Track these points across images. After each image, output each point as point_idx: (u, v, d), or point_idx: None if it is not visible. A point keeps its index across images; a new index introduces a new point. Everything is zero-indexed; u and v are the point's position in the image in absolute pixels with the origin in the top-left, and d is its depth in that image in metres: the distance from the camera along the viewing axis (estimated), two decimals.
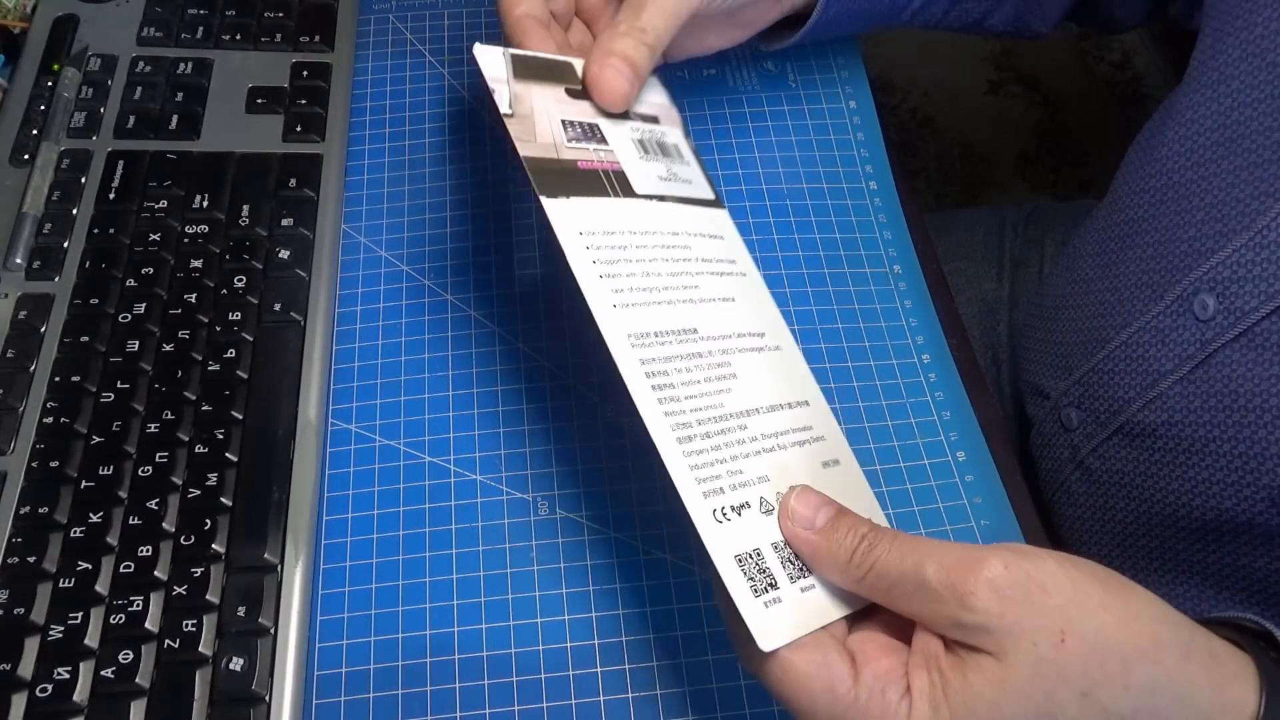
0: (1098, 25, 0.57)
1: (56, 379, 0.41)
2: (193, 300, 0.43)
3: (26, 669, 0.35)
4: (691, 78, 0.54)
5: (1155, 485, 0.42)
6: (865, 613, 0.32)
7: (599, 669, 0.38)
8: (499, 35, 0.55)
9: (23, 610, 0.36)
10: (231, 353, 0.42)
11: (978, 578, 0.27)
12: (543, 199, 0.34)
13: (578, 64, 0.39)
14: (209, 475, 0.39)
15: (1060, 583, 0.27)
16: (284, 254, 0.45)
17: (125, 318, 0.43)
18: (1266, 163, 0.37)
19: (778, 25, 0.48)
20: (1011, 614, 0.27)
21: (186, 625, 0.36)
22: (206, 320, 0.43)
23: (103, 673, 0.35)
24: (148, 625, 0.36)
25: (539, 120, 0.37)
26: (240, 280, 0.44)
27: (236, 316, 0.43)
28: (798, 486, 0.32)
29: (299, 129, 0.49)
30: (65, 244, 0.44)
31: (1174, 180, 0.42)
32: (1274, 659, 0.29)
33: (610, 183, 0.36)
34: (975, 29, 0.53)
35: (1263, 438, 0.37)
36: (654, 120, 0.41)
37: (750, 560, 0.30)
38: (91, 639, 0.36)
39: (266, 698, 0.36)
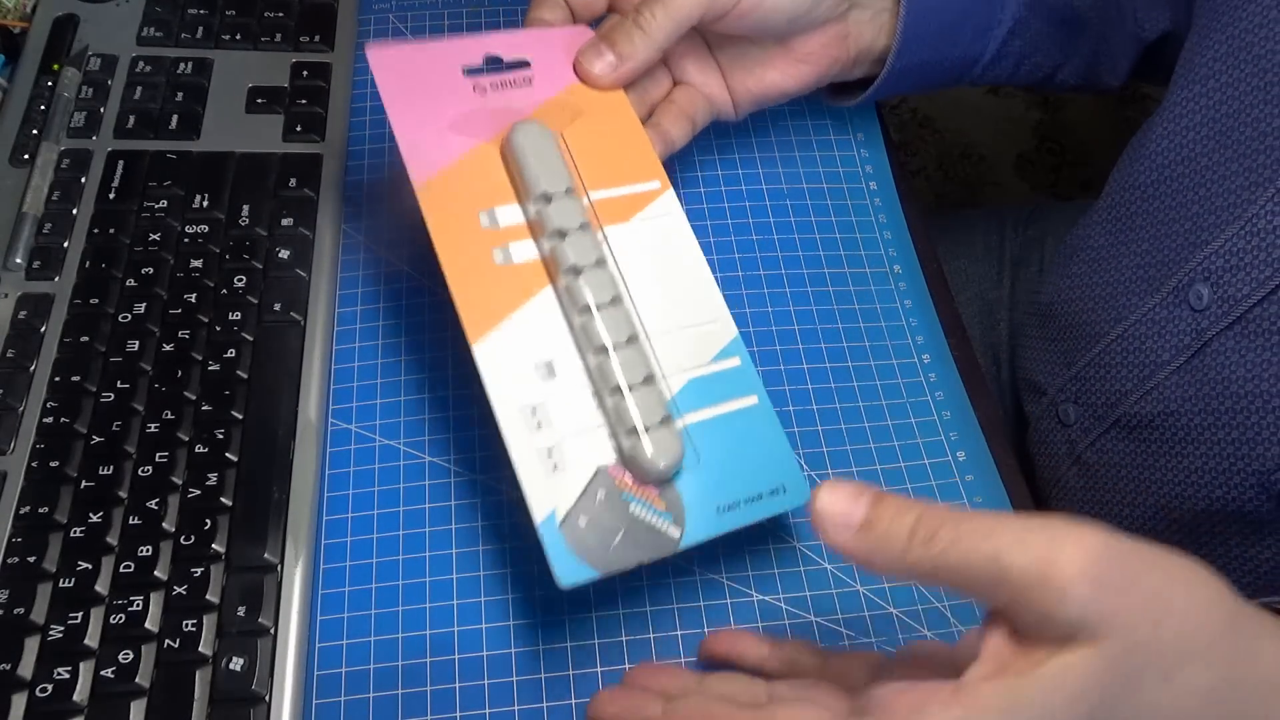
0: (1162, 77, 0.52)
1: (56, 379, 0.41)
2: (193, 300, 0.43)
3: (26, 669, 0.35)
4: None
5: (1151, 477, 0.42)
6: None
7: (599, 669, 0.38)
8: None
9: (23, 610, 0.36)
10: (231, 353, 0.42)
11: (1073, 567, 0.25)
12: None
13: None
14: (209, 475, 0.39)
15: (1150, 565, 0.26)
16: (284, 254, 0.45)
17: (125, 318, 0.43)
18: (1254, 152, 0.37)
19: (847, 84, 0.47)
20: (1111, 603, 0.25)
21: (186, 625, 0.36)
22: (206, 320, 0.43)
23: (103, 673, 0.35)
24: (148, 625, 0.36)
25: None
26: (240, 280, 0.44)
27: (236, 316, 0.43)
28: (824, 484, 0.28)
29: (299, 129, 0.49)
30: (65, 244, 0.44)
31: (1166, 175, 0.42)
32: None
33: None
34: (1045, 84, 0.52)
35: (1255, 424, 0.37)
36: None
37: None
38: (91, 639, 0.36)
39: (266, 698, 0.36)
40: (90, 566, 0.37)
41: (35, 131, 0.47)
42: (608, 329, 0.35)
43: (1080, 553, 0.25)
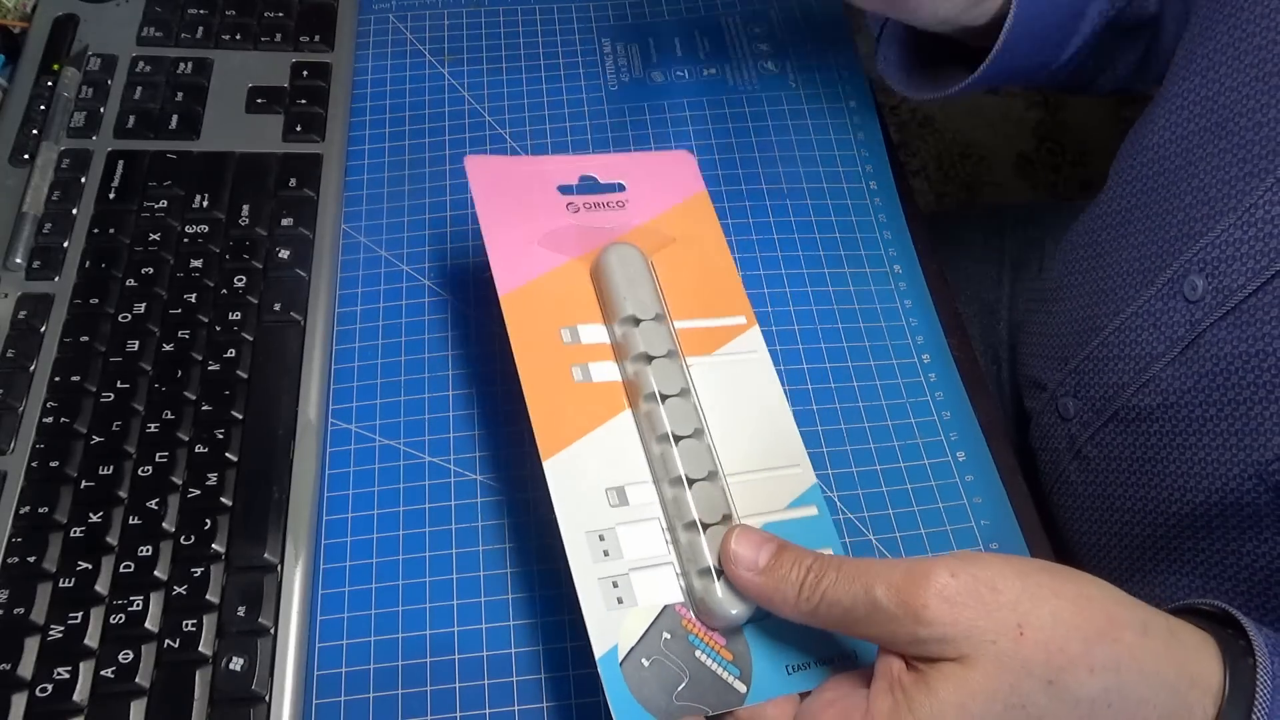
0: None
1: (56, 379, 0.41)
2: (193, 300, 0.43)
3: (26, 669, 0.35)
4: (691, 77, 0.54)
5: (1151, 470, 0.42)
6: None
7: (599, 668, 0.38)
8: (499, 37, 0.55)
9: (23, 610, 0.36)
10: (231, 353, 0.42)
11: (927, 590, 0.27)
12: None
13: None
14: (209, 475, 0.39)
15: (1009, 579, 0.27)
16: (284, 254, 0.45)
17: (125, 318, 0.43)
18: (1251, 144, 0.38)
19: (948, 69, 0.47)
20: (966, 618, 0.27)
21: (186, 625, 0.36)
22: (206, 320, 0.43)
23: (103, 673, 0.35)
24: (148, 625, 0.36)
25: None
26: (240, 280, 0.44)
27: (236, 316, 0.43)
28: (735, 527, 0.32)
29: (299, 129, 0.49)
30: (65, 244, 0.44)
31: (1163, 167, 0.42)
32: (1231, 636, 0.29)
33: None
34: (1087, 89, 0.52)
35: (1253, 414, 0.37)
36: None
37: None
38: (91, 639, 0.36)
39: (266, 698, 0.36)
40: (90, 566, 0.37)
41: (35, 131, 0.47)
42: (686, 462, 0.34)
43: (935, 576, 0.27)
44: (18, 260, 0.44)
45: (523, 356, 0.35)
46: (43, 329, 0.42)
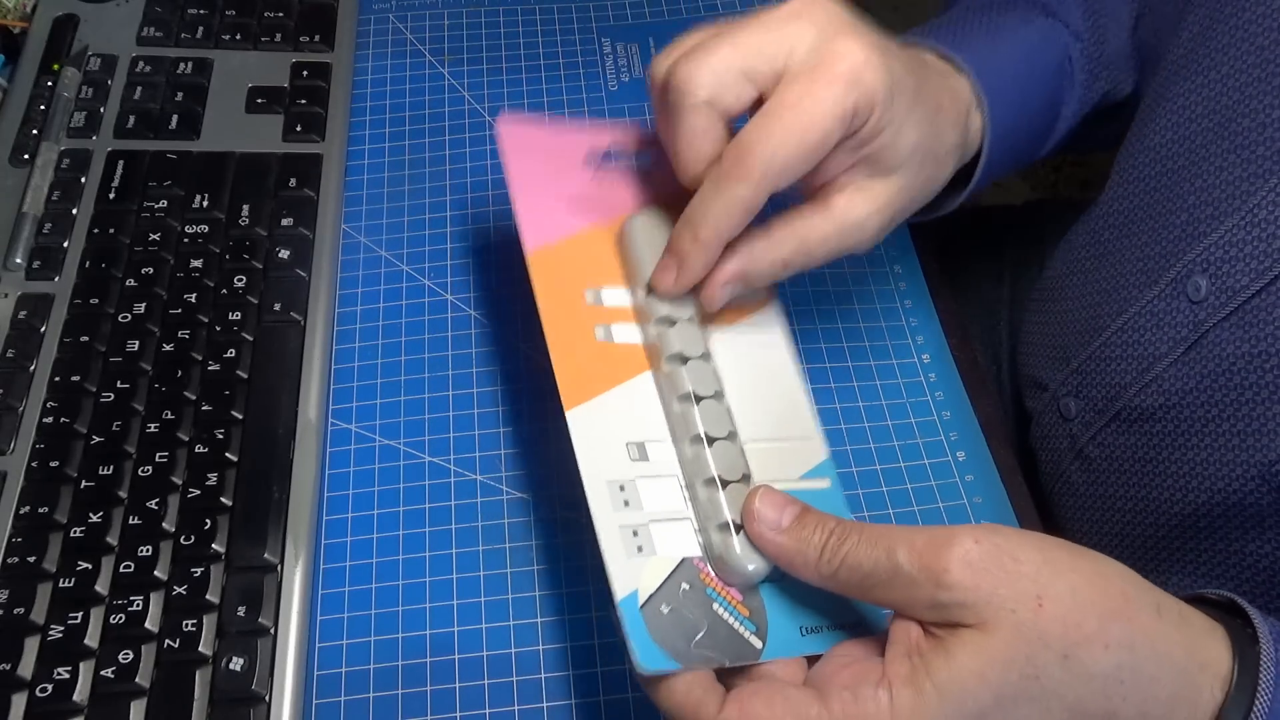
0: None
1: (56, 379, 0.41)
2: (193, 300, 0.43)
3: (26, 669, 0.35)
4: None
5: (1153, 470, 0.42)
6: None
7: (599, 669, 0.38)
8: (499, 37, 0.55)
9: (23, 610, 0.36)
10: (231, 353, 0.42)
11: (950, 555, 0.27)
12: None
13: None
14: (209, 475, 0.39)
15: (1029, 551, 0.28)
16: (284, 254, 0.45)
17: (125, 318, 0.43)
18: (1255, 144, 0.37)
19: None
20: (987, 585, 0.27)
21: (186, 625, 0.36)
22: (206, 320, 0.43)
23: (103, 673, 0.35)
24: (148, 625, 0.36)
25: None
26: (240, 280, 0.44)
27: (236, 316, 0.43)
28: (760, 488, 0.32)
29: (299, 129, 0.49)
30: (65, 244, 0.44)
31: (1166, 167, 0.42)
32: (1239, 625, 0.29)
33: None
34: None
35: (1257, 414, 0.37)
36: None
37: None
38: (91, 639, 0.36)
39: (266, 698, 0.36)
40: (90, 566, 0.37)
41: (35, 131, 0.47)
42: (707, 420, 0.34)
43: (958, 542, 0.27)
44: (18, 260, 0.44)
45: (547, 311, 0.36)
46: (43, 329, 0.42)
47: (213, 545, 0.38)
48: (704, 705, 0.29)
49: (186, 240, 0.45)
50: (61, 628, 0.36)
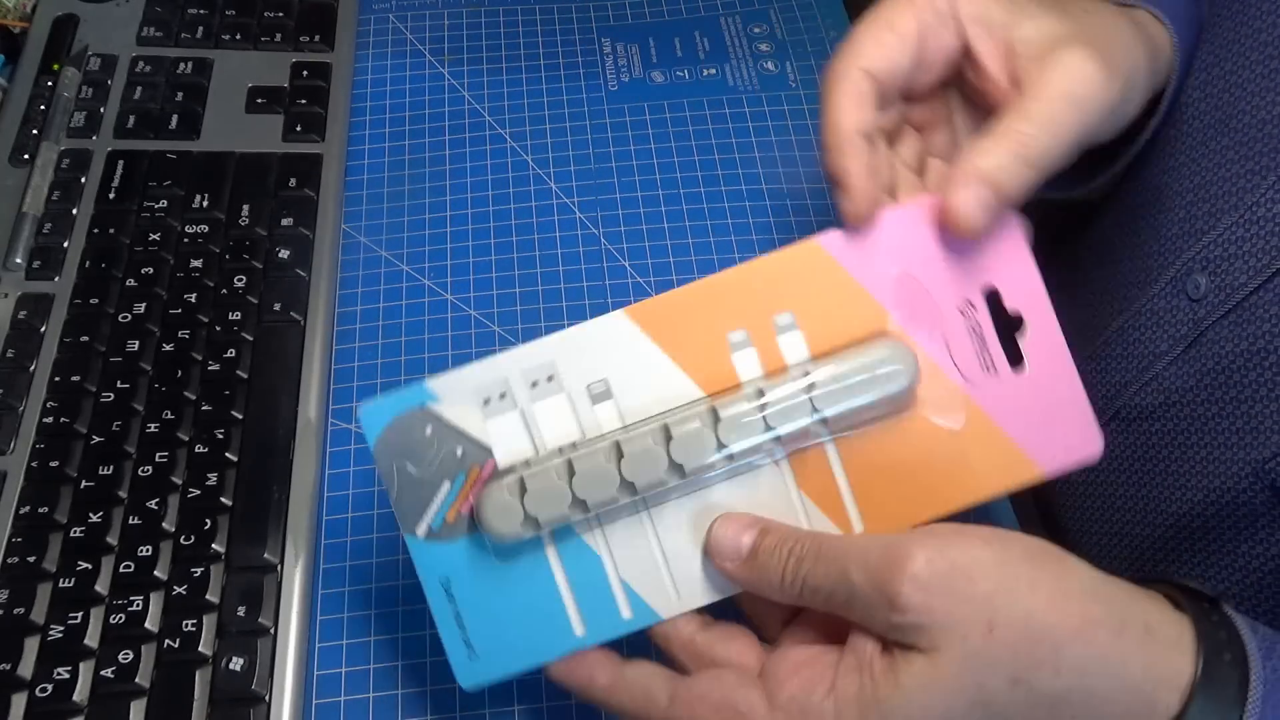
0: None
1: (56, 379, 0.41)
2: (193, 300, 0.43)
3: (26, 669, 0.35)
4: (691, 77, 0.54)
5: (1151, 469, 0.42)
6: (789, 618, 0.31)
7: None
8: (499, 37, 0.55)
9: (23, 610, 0.36)
10: (231, 353, 0.42)
11: (902, 576, 0.27)
12: None
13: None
14: (209, 475, 0.39)
15: (986, 568, 0.27)
16: (284, 254, 0.45)
17: (125, 318, 0.43)
18: (1255, 140, 0.37)
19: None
20: (940, 609, 0.26)
21: (186, 625, 0.36)
22: (206, 320, 0.43)
23: (103, 673, 0.35)
24: (148, 625, 0.36)
25: None
26: (240, 280, 0.44)
27: (236, 316, 0.43)
28: (721, 515, 0.31)
29: (299, 129, 0.49)
30: (65, 244, 0.44)
31: (1167, 165, 0.42)
32: (1217, 621, 0.29)
33: None
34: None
35: (1254, 412, 0.37)
36: None
37: None
38: (91, 639, 0.36)
39: (266, 698, 0.36)
40: (90, 566, 0.37)
41: (35, 131, 0.47)
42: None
43: (910, 560, 0.27)
44: (18, 260, 0.44)
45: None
46: (43, 329, 0.42)
47: (213, 545, 0.38)
48: (653, 690, 0.29)
49: (186, 240, 0.45)
50: (61, 628, 0.36)
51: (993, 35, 0.34)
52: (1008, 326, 0.33)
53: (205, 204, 0.46)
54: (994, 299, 0.33)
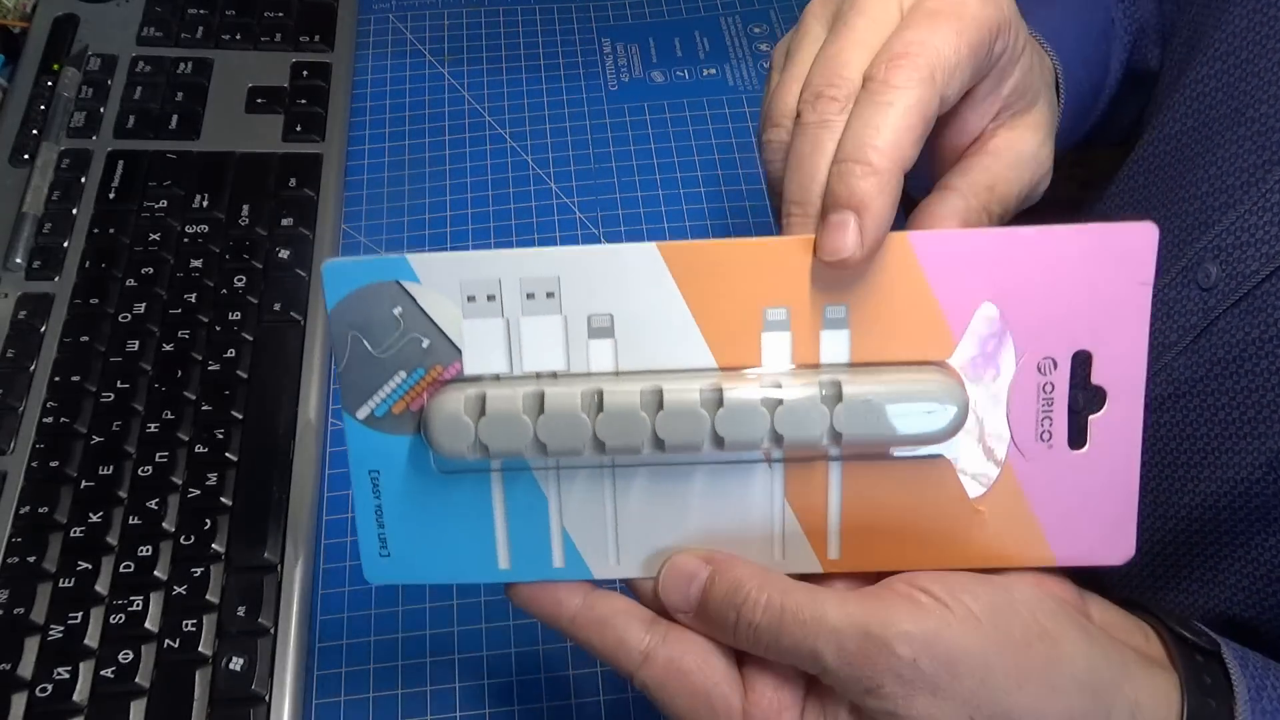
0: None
1: (56, 379, 0.41)
2: (193, 300, 0.43)
3: (26, 669, 0.35)
4: (691, 77, 0.54)
5: (1162, 462, 0.42)
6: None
7: (599, 669, 0.38)
8: (499, 37, 0.55)
9: (23, 610, 0.36)
10: (231, 352, 0.42)
11: (884, 669, 0.26)
12: None
13: None
14: (209, 475, 0.39)
15: (972, 662, 0.26)
16: (284, 254, 0.45)
17: (125, 318, 0.43)
18: (1270, 129, 0.37)
19: None
20: (921, 705, 0.26)
21: (186, 625, 0.36)
22: (206, 320, 0.43)
23: (103, 673, 0.35)
24: (148, 625, 0.36)
25: None
26: (240, 280, 0.44)
27: (236, 316, 0.43)
28: (672, 558, 0.28)
29: (299, 129, 0.49)
30: (65, 244, 0.44)
31: (1181, 154, 0.42)
32: (1210, 684, 0.29)
33: None
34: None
35: (1265, 401, 0.37)
36: None
37: None
38: (91, 639, 0.36)
39: (266, 698, 0.36)
40: (90, 566, 0.37)
41: (35, 131, 0.47)
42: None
43: (896, 659, 0.26)
44: (18, 260, 0.44)
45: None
46: (43, 329, 0.42)
47: (213, 545, 0.38)
48: (628, 639, 0.28)
49: (186, 240, 0.45)
50: (61, 628, 0.36)
51: None
52: (1085, 401, 0.30)
53: (205, 204, 0.46)
54: (1082, 362, 0.29)
